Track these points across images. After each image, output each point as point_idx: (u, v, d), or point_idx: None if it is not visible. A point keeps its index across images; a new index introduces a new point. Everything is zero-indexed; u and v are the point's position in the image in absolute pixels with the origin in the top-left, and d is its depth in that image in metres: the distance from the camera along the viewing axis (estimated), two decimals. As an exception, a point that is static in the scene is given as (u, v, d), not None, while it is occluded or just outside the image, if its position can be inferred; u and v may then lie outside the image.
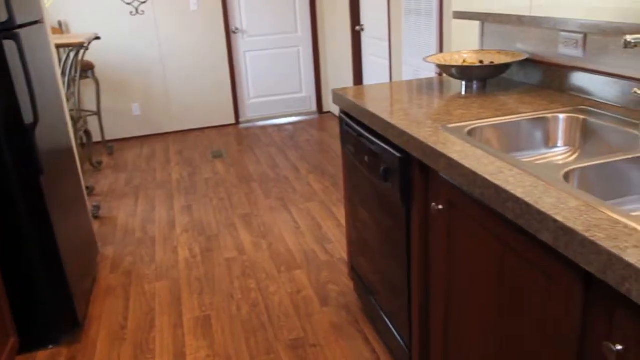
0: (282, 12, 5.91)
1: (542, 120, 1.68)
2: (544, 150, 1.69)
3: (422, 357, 1.85)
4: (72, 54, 4.07)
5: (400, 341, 2.00)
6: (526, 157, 1.67)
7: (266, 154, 4.94)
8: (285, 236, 3.33)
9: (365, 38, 5.06)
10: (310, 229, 3.40)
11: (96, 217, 3.82)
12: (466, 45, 3.33)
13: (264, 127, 5.91)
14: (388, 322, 2.11)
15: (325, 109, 6.29)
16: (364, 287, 2.37)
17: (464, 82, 2.15)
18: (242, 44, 5.92)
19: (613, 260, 0.86)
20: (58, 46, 3.82)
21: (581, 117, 1.64)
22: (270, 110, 6.18)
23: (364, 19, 5.01)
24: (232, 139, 5.54)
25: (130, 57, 5.68)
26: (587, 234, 0.92)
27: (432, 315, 1.70)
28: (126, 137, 5.87)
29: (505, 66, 2.01)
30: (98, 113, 5.30)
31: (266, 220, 3.58)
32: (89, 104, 5.57)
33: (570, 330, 1.02)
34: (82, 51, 4.30)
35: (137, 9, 5.56)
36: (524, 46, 2.18)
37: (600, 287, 0.93)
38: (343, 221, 3.47)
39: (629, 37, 1.25)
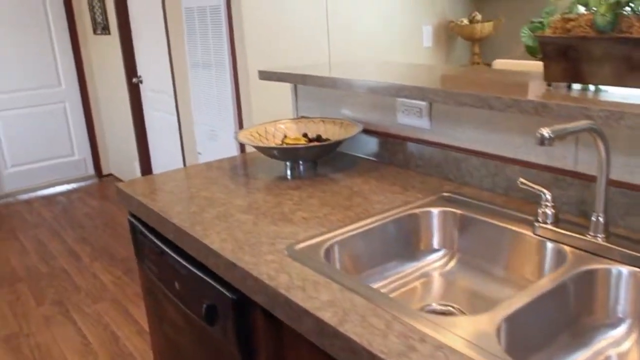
0: (39, 63, 4.96)
1: (412, 219, 1.30)
2: (420, 260, 1.31)
3: None
4: None
5: None
6: (400, 272, 1.27)
7: (34, 240, 3.98)
8: (70, 360, 2.55)
9: (145, 91, 4.42)
10: (104, 344, 2.66)
11: None
12: (270, 103, 2.93)
13: (29, 202, 4.86)
14: None
15: (105, 172, 5.44)
16: None
17: (288, 163, 1.71)
18: (-11, 102, 4.82)
19: None
20: None
21: (457, 211, 1.29)
22: (35, 180, 5.13)
23: (142, 69, 4.38)
24: (-14, 223, 4.43)
25: None
26: None
27: None
28: None
29: (339, 143, 1.61)
30: None
31: (41, 339, 2.74)
32: None
33: None
34: None
35: None
36: (351, 112, 1.82)
37: None
38: (145, 324, 2.79)
39: (545, 132, 0.91)
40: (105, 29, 4.62)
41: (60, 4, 4.95)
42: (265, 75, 2.01)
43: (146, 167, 4.67)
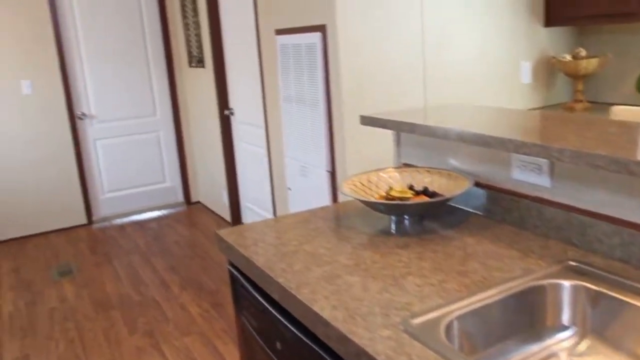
0: (138, 94, 5.19)
1: (538, 292, 1.19)
2: (545, 339, 1.19)
3: None
4: None
5: None
6: (522, 352, 1.16)
7: (127, 266, 4.11)
8: (159, 395, 2.57)
9: (236, 123, 4.50)
10: (191, 380, 2.67)
11: None
12: (365, 143, 2.89)
13: (123, 226, 5.05)
14: None
15: (193, 199, 5.58)
16: None
17: (393, 217, 1.64)
18: (91, 131, 5.08)
19: None
20: None
21: (592, 287, 1.17)
22: (129, 205, 5.34)
23: (234, 102, 4.47)
24: (83, 246, 4.62)
25: (-54, 154, 4.61)
26: None
27: None
28: (-57, 252, 4.70)
29: (449, 199, 1.52)
30: None
31: (132, 371, 2.78)
32: None
33: None
34: None
35: (-48, 96, 4.55)
36: (460, 163, 1.73)
37: None
38: (232, 362, 2.78)
39: None
40: (200, 62, 4.77)
41: (159, 38, 5.17)
42: (367, 121, 1.95)
43: (234, 197, 4.73)
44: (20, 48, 4.69)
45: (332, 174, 3.04)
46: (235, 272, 1.60)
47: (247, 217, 4.69)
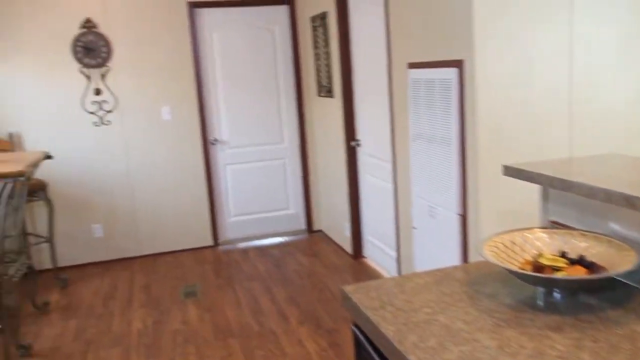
0: (267, 122, 5.31)
1: None
2: None
3: None
4: (8, 184, 3.34)
5: None
6: None
7: (248, 293, 4.15)
8: None
9: (362, 155, 4.43)
10: None
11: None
12: (501, 188, 2.67)
13: (245, 250, 5.15)
14: None
15: (315, 227, 5.58)
16: None
17: (541, 288, 1.44)
18: (221, 156, 5.27)
19: None
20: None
21: None
22: (253, 230, 5.45)
23: (361, 133, 4.41)
24: (208, 268, 4.76)
25: (93, 172, 4.98)
26: None
27: None
28: (85, 262, 5.06)
29: (614, 275, 1.30)
30: (50, 239, 4.53)
31: (247, 406, 2.75)
32: (38, 228, 4.79)
33: None
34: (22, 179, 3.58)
35: (102, 119, 4.93)
36: (623, 228, 1.49)
37: None
38: (347, 410, 2.66)
39: None
40: (329, 92, 4.78)
41: (290, 68, 5.27)
42: (511, 172, 1.77)
43: (356, 229, 4.65)
44: (162, 77, 4.99)
45: (463, 218, 2.85)
46: (360, 335, 1.48)
47: (369, 250, 4.58)
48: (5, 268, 3.45)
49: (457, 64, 2.74)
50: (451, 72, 2.78)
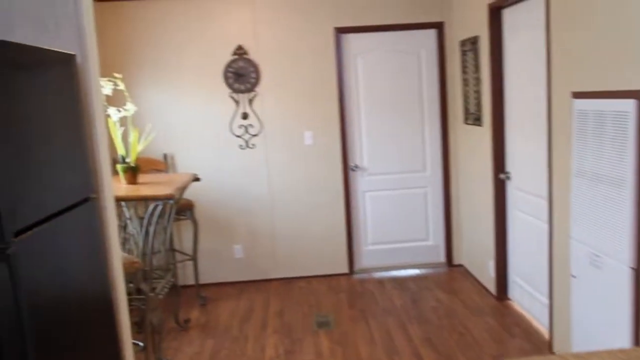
0: (409, 148, 5.13)
1: None
2: None
3: None
4: (159, 206, 3.50)
5: None
6: None
7: (382, 328, 3.97)
8: None
9: (511, 189, 4.09)
10: None
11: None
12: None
13: (381, 281, 4.98)
14: None
15: (455, 261, 5.26)
16: None
17: None
18: (361, 182, 5.17)
19: None
20: (138, 199, 3.28)
21: None
22: (390, 260, 5.26)
23: (511, 165, 4.07)
24: (342, 298, 4.65)
25: (236, 194, 5.12)
26: None
27: None
28: (224, 281, 5.20)
29: None
30: (194, 257, 4.70)
31: None
32: (184, 245, 5.00)
33: None
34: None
35: (247, 143, 5.07)
36: None
37: None
38: None
39: None
40: (477, 120, 4.49)
41: (436, 94, 5.06)
42: None
43: (501, 268, 4.29)
44: (307, 102, 5.02)
45: (637, 272, 2.44)
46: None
47: (515, 292, 4.20)
48: (152, 284, 3.60)
49: (636, 94, 2.37)
50: (628, 104, 2.42)
